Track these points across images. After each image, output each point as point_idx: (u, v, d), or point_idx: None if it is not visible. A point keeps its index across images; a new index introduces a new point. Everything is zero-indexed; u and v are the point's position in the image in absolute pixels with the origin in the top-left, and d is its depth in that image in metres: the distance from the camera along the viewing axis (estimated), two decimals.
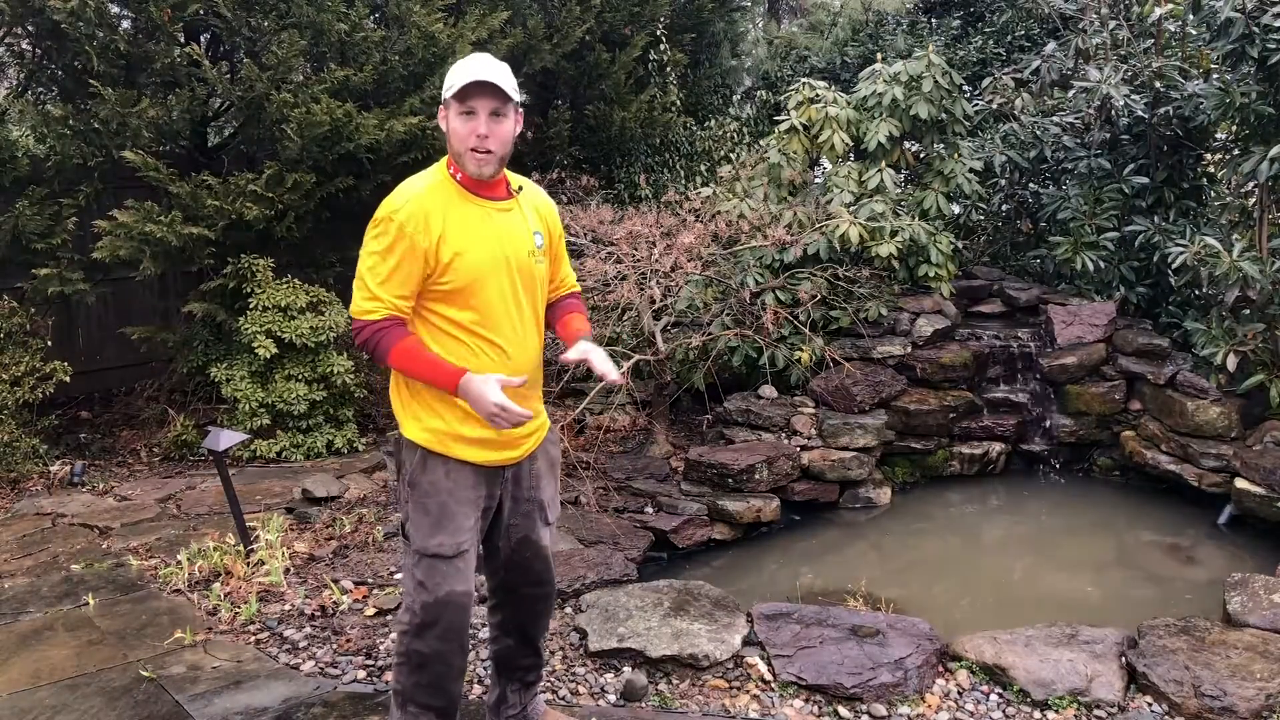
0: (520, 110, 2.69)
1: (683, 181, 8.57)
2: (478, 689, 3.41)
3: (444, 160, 2.69)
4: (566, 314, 2.93)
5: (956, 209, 7.69)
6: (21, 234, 6.14)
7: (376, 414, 6.93)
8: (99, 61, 5.91)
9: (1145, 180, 6.65)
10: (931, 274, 6.61)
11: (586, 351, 2.73)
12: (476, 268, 2.60)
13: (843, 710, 3.32)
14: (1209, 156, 7.09)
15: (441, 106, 2.65)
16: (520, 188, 2.77)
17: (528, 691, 3.03)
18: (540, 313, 2.82)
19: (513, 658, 2.98)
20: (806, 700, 3.38)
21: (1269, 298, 5.55)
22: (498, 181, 2.69)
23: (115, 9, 6.24)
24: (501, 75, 2.57)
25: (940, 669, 3.56)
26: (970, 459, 6.23)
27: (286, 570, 4.35)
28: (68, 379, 6.16)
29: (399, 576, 4.24)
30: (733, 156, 8.50)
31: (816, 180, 7.19)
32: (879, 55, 7.63)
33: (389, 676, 3.35)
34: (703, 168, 8.80)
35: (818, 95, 6.74)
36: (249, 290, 6.34)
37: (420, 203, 2.57)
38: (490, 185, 2.67)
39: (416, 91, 6.60)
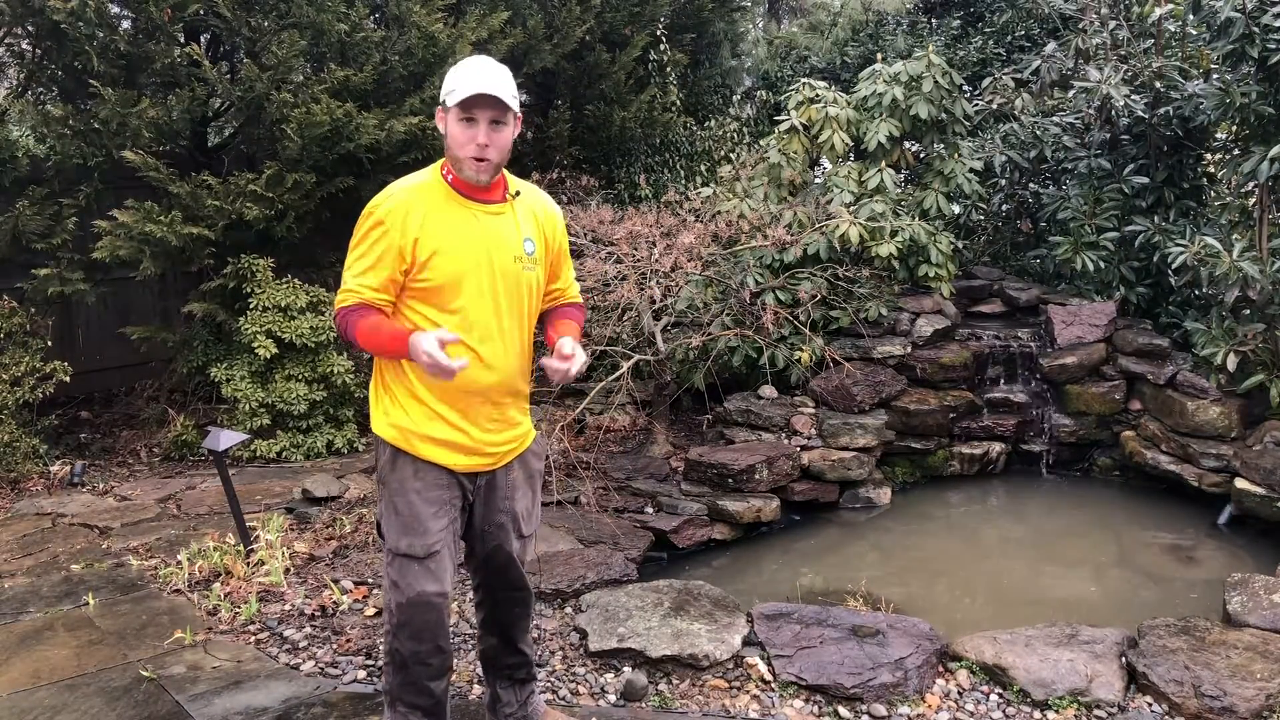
0: (519, 115, 2.68)
1: (683, 181, 8.57)
2: (478, 689, 3.41)
3: (440, 161, 2.68)
4: (559, 320, 2.86)
5: (956, 209, 7.70)
6: (21, 234, 6.14)
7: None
8: (99, 61, 5.91)
9: (1145, 180, 6.65)
10: (931, 274, 6.62)
11: (561, 347, 2.63)
12: (454, 267, 2.59)
13: (843, 710, 3.32)
14: (1209, 156, 7.09)
15: (440, 108, 2.64)
16: (518, 193, 2.74)
17: (521, 689, 3.03)
18: (527, 322, 2.76)
19: (497, 657, 3.00)
20: (806, 700, 3.38)
21: (1269, 298, 5.55)
22: (494, 185, 2.67)
23: (115, 9, 6.24)
24: (503, 85, 2.55)
25: (940, 669, 3.57)
26: (970, 459, 6.23)
27: (286, 570, 4.35)
28: (68, 379, 6.16)
29: None
30: (733, 156, 8.50)
31: (816, 180, 7.18)
32: (879, 55, 7.63)
33: None
34: (703, 168, 8.80)
35: (818, 95, 6.75)
36: (249, 290, 6.34)
37: (403, 200, 2.59)
38: (485, 188, 2.65)
39: (416, 91, 6.60)
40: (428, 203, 2.60)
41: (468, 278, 2.61)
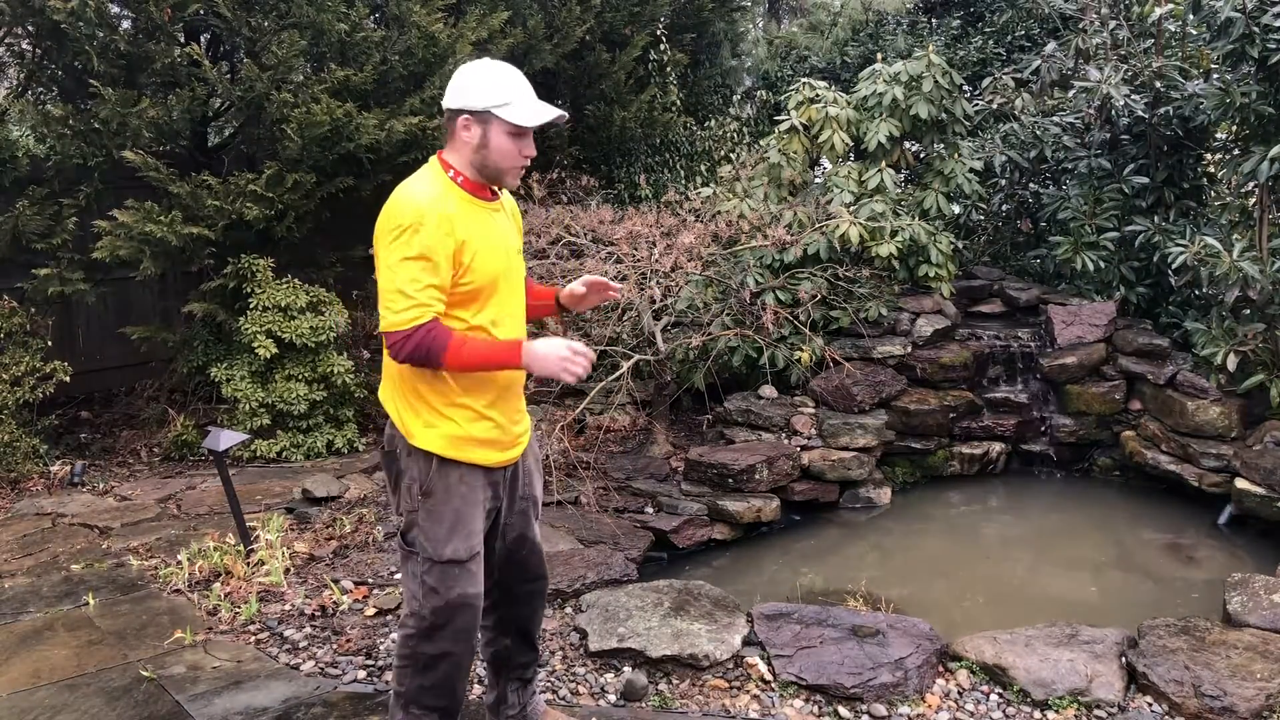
0: None
1: (683, 181, 8.57)
2: (477, 689, 3.41)
3: (436, 165, 2.66)
4: (539, 287, 3.02)
5: (956, 209, 7.70)
6: (21, 234, 6.14)
7: (376, 414, 6.92)
8: (99, 61, 5.91)
9: (1145, 180, 6.65)
10: (931, 274, 6.62)
11: (586, 279, 2.89)
12: (491, 267, 2.62)
13: (843, 710, 3.33)
14: (1209, 156, 7.09)
15: (469, 116, 2.58)
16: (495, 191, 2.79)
17: (526, 689, 3.04)
18: (524, 308, 2.86)
19: (511, 656, 2.99)
20: (807, 700, 3.38)
21: (1269, 298, 5.55)
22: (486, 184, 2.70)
23: (115, 9, 6.24)
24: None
25: (940, 669, 3.57)
26: (970, 459, 6.23)
27: (287, 570, 4.35)
28: (68, 379, 6.16)
29: (399, 577, 4.24)
30: (733, 156, 8.49)
31: (816, 180, 7.19)
32: (879, 55, 7.63)
33: (389, 677, 3.35)
34: (703, 168, 8.80)
35: (818, 95, 6.74)
36: (249, 290, 6.34)
37: (440, 205, 2.54)
38: (486, 188, 2.68)
39: (416, 91, 6.60)
40: (456, 206, 2.59)
41: (502, 275, 2.66)
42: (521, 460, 2.85)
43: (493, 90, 2.56)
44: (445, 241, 2.51)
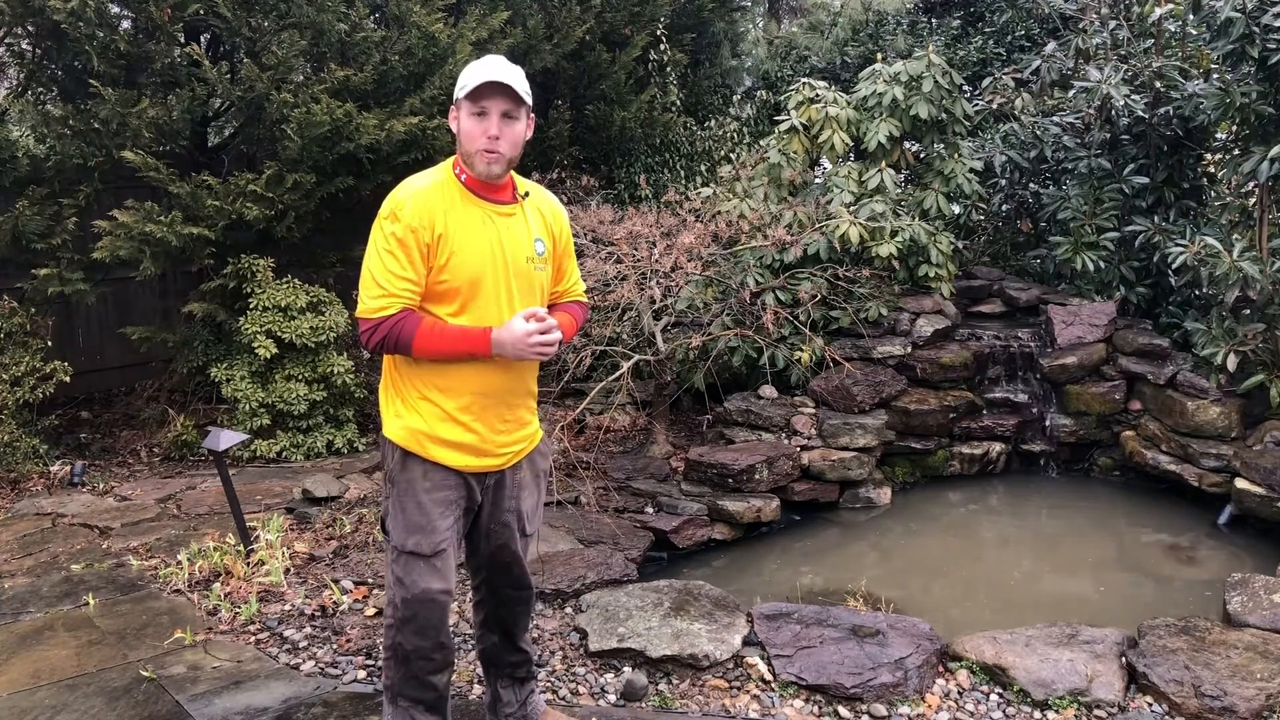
0: (532, 114, 2.68)
1: (683, 181, 8.57)
2: (478, 689, 3.41)
3: (450, 160, 2.68)
4: (556, 312, 2.81)
5: (957, 209, 7.70)
6: (21, 234, 6.14)
7: (376, 414, 6.90)
8: (99, 61, 5.91)
9: (1145, 180, 6.65)
10: (931, 274, 6.62)
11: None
12: (471, 269, 2.59)
13: (843, 710, 3.33)
14: (1209, 156, 7.09)
15: (453, 107, 2.64)
16: (527, 193, 2.75)
17: (521, 688, 3.04)
18: None
19: (499, 655, 3.00)
20: (806, 700, 3.38)
21: (1269, 298, 5.55)
22: (504, 184, 2.67)
23: (115, 9, 6.24)
24: (515, 78, 2.57)
25: (940, 669, 3.57)
26: (970, 459, 6.23)
27: (287, 570, 4.35)
28: (68, 379, 6.16)
29: None
30: (733, 156, 8.50)
31: (816, 180, 7.19)
32: (879, 55, 7.63)
33: None
34: (703, 168, 8.80)
35: (818, 95, 6.75)
36: (249, 290, 6.34)
37: (424, 199, 2.56)
38: (496, 188, 2.65)
39: (416, 91, 6.60)
40: (446, 202, 2.59)
41: (484, 280, 2.61)
42: (512, 471, 2.80)
43: (462, 78, 2.60)
44: (420, 234, 2.52)
